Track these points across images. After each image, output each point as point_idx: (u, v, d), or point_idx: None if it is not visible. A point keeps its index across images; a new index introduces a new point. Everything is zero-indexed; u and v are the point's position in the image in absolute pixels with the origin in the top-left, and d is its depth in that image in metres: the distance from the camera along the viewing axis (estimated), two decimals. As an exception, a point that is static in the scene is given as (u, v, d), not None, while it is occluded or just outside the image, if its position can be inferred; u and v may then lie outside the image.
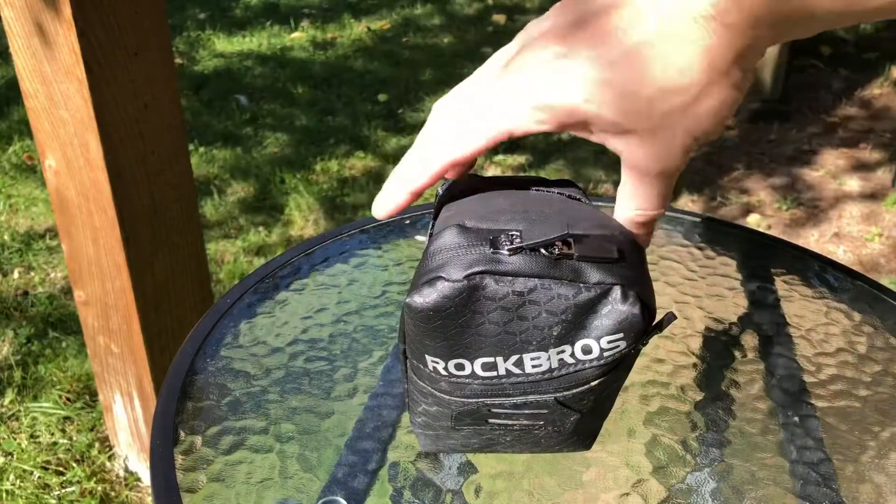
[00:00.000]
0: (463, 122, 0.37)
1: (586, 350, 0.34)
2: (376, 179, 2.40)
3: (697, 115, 0.34)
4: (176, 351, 0.52)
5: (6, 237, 2.05)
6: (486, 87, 0.37)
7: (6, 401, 1.54)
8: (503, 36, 3.57)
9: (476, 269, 0.33)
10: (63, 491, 1.36)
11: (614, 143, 0.35)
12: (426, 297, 0.33)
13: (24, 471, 1.39)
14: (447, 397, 0.37)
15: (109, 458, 1.43)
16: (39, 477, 1.38)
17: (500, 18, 3.75)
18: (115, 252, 1.11)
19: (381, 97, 2.94)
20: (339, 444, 0.46)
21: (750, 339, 0.55)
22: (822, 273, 0.63)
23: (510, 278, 0.33)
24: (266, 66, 3.19)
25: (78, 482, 1.37)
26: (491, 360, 0.35)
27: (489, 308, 0.33)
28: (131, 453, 1.41)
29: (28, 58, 1.02)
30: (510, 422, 0.38)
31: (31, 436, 1.46)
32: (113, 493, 1.37)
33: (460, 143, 0.37)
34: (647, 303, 0.34)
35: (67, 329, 1.72)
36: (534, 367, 0.35)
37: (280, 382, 0.50)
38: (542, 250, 0.33)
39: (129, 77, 1.02)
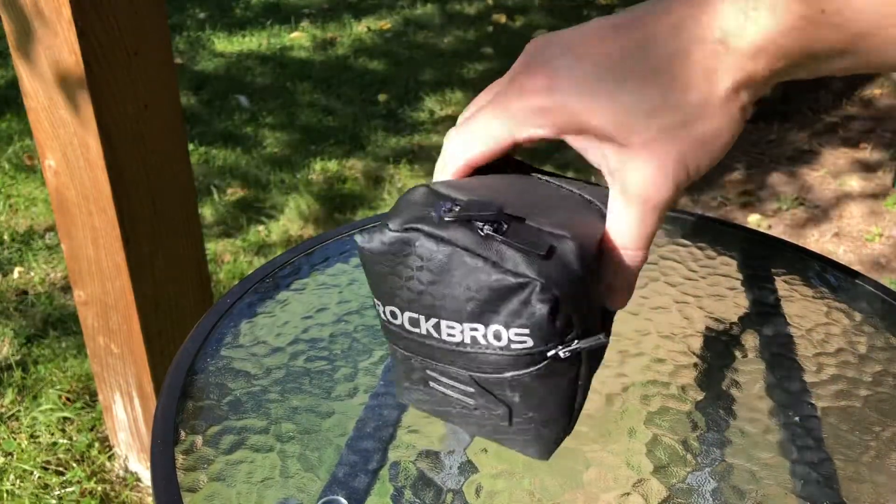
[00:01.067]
0: (473, 127, 0.39)
1: (497, 336, 0.35)
2: (376, 179, 2.40)
3: (690, 140, 0.34)
4: (176, 351, 0.52)
5: (6, 237, 2.05)
6: (495, 94, 0.39)
7: (6, 401, 1.54)
8: (503, 36, 3.57)
9: (413, 224, 0.35)
10: (63, 491, 1.36)
11: (608, 159, 0.36)
12: (367, 240, 0.36)
13: (25, 471, 1.39)
14: (394, 346, 0.39)
15: (109, 458, 1.43)
16: (39, 477, 1.38)
17: (500, 18, 3.75)
18: (115, 252, 1.11)
19: (381, 97, 2.95)
20: (340, 444, 0.46)
21: (750, 339, 0.55)
22: (822, 273, 0.63)
23: (441, 243, 0.34)
24: (266, 66, 3.19)
25: (78, 482, 1.37)
26: (416, 315, 0.36)
27: (416, 265, 0.35)
28: (131, 453, 1.41)
29: (28, 58, 1.02)
30: (445, 390, 0.39)
31: (31, 436, 1.46)
32: (113, 493, 1.37)
33: (470, 146, 0.39)
34: (563, 310, 0.33)
35: (67, 329, 1.72)
36: (448, 335, 0.36)
37: (281, 382, 0.50)
38: (479, 226, 0.34)
39: (129, 77, 1.02)
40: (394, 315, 0.37)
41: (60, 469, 1.40)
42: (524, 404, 0.37)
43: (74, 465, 1.41)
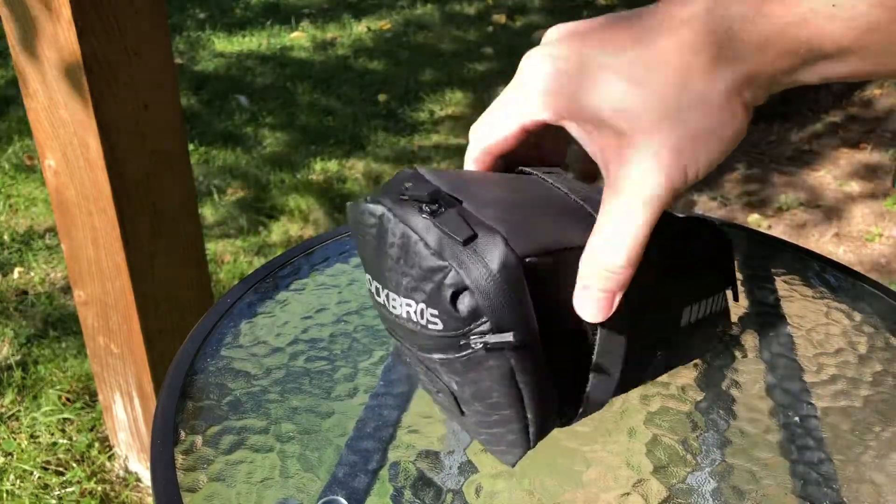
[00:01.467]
0: (487, 116, 0.40)
1: (421, 314, 0.36)
2: (376, 179, 2.40)
3: (688, 133, 0.33)
4: (176, 351, 0.52)
5: (6, 237, 2.05)
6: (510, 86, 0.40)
7: (6, 401, 1.54)
8: (503, 36, 3.57)
9: (379, 198, 0.37)
10: (63, 491, 1.36)
11: (604, 151, 0.36)
12: (352, 209, 0.38)
13: (25, 471, 1.39)
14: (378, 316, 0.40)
15: (109, 458, 1.43)
16: (39, 477, 1.38)
17: (500, 18, 3.75)
18: (115, 252, 1.11)
19: (381, 97, 2.94)
20: (340, 444, 0.46)
21: (750, 339, 0.55)
22: (822, 273, 0.63)
23: (393, 217, 0.36)
24: (266, 66, 3.19)
25: (78, 482, 1.37)
26: (378, 285, 0.38)
27: (374, 234, 0.37)
28: (131, 453, 1.41)
29: (28, 58, 1.02)
30: (411, 363, 0.40)
31: (31, 436, 1.46)
32: (113, 494, 1.37)
33: (484, 135, 0.40)
34: (471, 301, 0.34)
35: (67, 329, 1.72)
36: (393, 307, 0.37)
37: (280, 382, 0.50)
38: (421, 206, 0.36)
39: (129, 77, 1.02)
40: (369, 282, 0.39)
41: (60, 469, 1.40)
42: (463, 394, 0.38)
43: (74, 465, 1.41)
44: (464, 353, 0.35)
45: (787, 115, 2.74)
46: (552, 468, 0.44)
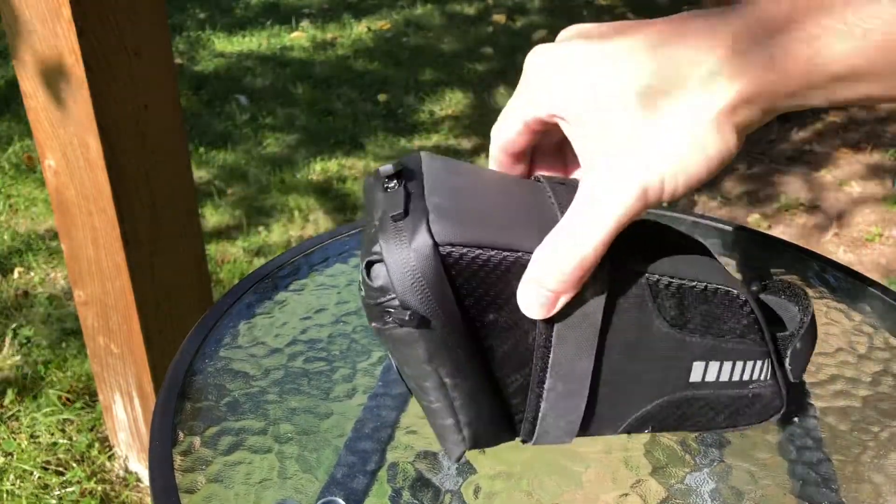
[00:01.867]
0: (501, 116, 0.41)
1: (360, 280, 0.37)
2: (376, 179, 2.40)
3: (668, 149, 0.33)
4: (176, 351, 0.52)
5: (6, 237, 2.05)
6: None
7: (6, 401, 1.54)
8: (503, 36, 3.56)
9: (374, 173, 0.38)
10: (63, 491, 1.36)
11: (584, 150, 0.35)
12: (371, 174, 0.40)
13: (24, 471, 1.39)
14: None
15: (109, 458, 1.43)
16: (39, 477, 1.38)
17: (500, 18, 3.75)
18: (115, 252, 1.11)
19: (381, 97, 2.94)
20: (338, 445, 0.46)
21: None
22: (822, 273, 0.63)
23: (372, 188, 0.38)
24: (266, 66, 3.19)
25: (78, 482, 1.37)
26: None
27: (369, 205, 0.39)
28: (131, 453, 1.41)
29: (27, 58, 1.02)
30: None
31: (31, 436, 1.46)
32: (113, 493, 1.37)
33: (497, 134, 0.41)
34: (383, 273, 0.35)
35: (67, 329, 1.72)
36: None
37: (279, 383, 0.50)
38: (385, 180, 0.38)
39: (129, 77, 1.02)
40: None
41: (60, 469, 1.40)
42: (402, 374, 0.39)
43: (74, 465, 1.41)
44: (384, 325, 0.36)
45: (787, 115, 2.74)
46: (551, 468, 0.44)
